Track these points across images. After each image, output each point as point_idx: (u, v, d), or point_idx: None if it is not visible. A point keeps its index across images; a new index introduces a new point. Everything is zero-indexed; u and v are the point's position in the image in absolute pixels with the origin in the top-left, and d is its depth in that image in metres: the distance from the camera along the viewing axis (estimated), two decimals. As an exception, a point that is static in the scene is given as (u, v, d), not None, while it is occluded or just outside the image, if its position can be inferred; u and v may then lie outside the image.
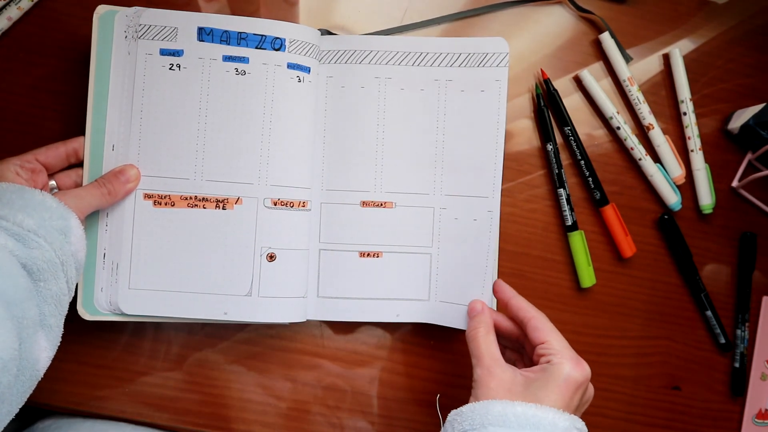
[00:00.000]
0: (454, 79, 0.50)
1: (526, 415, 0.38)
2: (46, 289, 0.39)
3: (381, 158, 0.50)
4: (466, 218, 0.50)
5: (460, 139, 0.50)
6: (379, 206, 0.50)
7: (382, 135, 0.49)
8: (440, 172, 0.50)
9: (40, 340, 0.38)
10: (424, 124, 0.50)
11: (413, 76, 0.50)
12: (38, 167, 0.43)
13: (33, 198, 0.39)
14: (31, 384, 0.38)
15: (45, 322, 0.38)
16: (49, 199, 0.40)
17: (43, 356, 0.38)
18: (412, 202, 0.50)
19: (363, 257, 0.49)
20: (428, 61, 0.50)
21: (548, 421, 0.37)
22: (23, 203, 0.39)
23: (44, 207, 0.39)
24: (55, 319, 0.39)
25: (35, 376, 0.38)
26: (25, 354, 0.37)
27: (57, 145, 0.45)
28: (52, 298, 0.39)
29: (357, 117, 0.49)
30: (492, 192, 0.49)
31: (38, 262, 0.38)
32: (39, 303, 0.38)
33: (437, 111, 0.50)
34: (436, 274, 0.50)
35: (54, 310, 0.39)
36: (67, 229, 0.40)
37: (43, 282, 0.38)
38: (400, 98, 0.50)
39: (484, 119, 0.49)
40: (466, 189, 0.50)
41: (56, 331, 0.40)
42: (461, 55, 0.49)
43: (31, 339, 0.37)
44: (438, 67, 0.50)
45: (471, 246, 0.49)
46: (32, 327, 0.37)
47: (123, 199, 0.46)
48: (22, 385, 0.37)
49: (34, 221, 0.38)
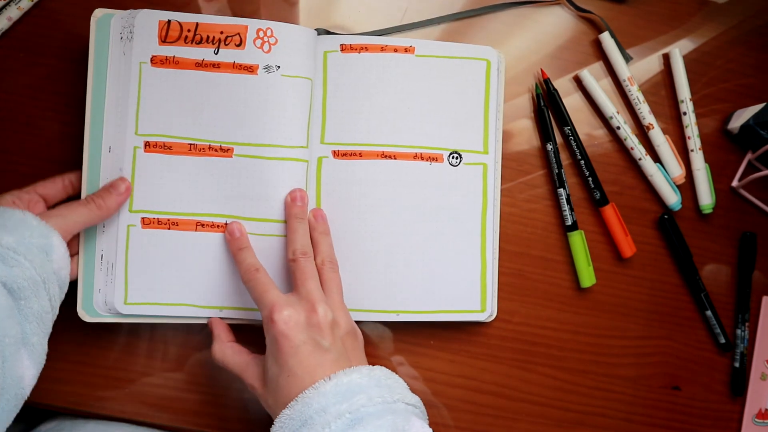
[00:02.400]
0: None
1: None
2: (28, 307, 0.38)
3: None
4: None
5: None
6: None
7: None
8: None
9: (23, 358, 0.37)
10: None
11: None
12: (36, 198, 0.43)
13: (13, 216, 0.39)
14: (17, 403, 0.37)
15: (27, 341, 0.38)
16: (30, 217, 0.40)
17: (27, 374, 0.38)
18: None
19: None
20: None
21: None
22: (2, 221, 0.39)
23: (25, 225, 0.39)
24: (37, 338, 0.39)
25: (21, 395, 0.38)
26: (9, 372, 0.36)
27: (54, 178, 0.45)
28: (34, 316, 0.38)
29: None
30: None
31: (18, 280, 0.37)
32: (20, 321, 0.38)
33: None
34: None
35: (36, 328, 0.38)
36: (49, 247, 0.40)
37: (24, 300, 0.38)
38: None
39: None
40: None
41: (39, 350, 0.39)
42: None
43: (14, 357, 0.36)
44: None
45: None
46: (14, 345, 0.37)
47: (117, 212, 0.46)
48: (7, 404, 0.36)
49: (14, 239, 0.38)
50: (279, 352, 0.39)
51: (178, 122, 0.47)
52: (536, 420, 0.54)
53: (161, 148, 0.47)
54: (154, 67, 0.46)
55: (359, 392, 0.38)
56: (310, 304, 0.41)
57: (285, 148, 0.47)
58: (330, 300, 0.43)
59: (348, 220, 0.49)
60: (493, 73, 0.51)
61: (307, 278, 0.42)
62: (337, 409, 0.37)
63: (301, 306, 0.41)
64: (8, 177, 0.49)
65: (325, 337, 0.40)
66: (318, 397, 0.37)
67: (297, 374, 0.39)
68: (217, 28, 0.46)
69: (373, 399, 0.38)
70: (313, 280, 0.42)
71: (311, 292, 0.41)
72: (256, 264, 0.44)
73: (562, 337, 0.54)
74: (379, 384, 0.39)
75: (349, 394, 0.38)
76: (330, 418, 0.36)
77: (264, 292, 0.41)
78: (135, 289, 0.47)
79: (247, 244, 0.45)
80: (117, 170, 0.46)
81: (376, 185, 0.50)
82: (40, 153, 0.49)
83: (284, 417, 0.38)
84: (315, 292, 0.41)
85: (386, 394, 0.39)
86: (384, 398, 0.38)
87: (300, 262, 0.43)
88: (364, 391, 0.38)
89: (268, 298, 0.41)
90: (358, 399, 0.37)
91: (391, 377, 0.41)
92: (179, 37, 0.46)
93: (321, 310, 0.40)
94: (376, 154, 0.49)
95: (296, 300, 0.41)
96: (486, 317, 0.51)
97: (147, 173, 0.46)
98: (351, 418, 0.36)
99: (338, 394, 0.37)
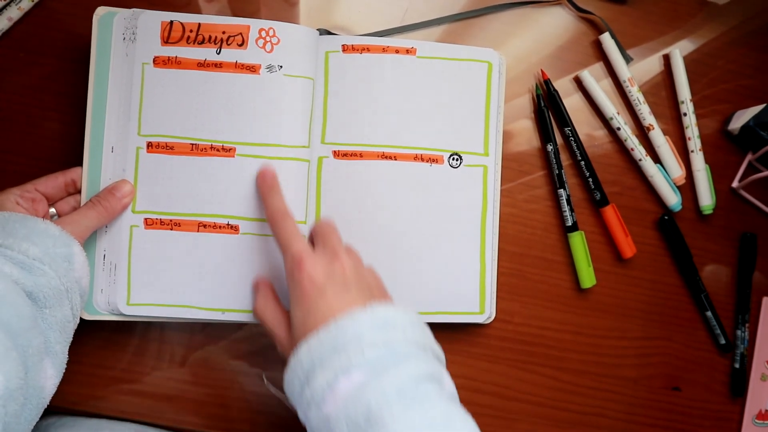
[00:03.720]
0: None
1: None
2: (51, 316, 0.39)
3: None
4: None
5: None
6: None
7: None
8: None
9: (47, 367, 0.38)
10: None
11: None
12: (38, 197, 0.43)
13: (36, 226, 0.40)
14: (38, 411, 0.38)
15: (50, 349, 0.39)
16: (52, 227, 0.40)
17: (49, 384, 0.38)
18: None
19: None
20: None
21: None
22: (27, 232, 0.39)
23: (47, 235, 0.40)
24: (60, 346, 0.39)
25: (41, 404, 0.38)
26: (32, 382, 0.37)
27: (56, 175, 0.45)
28: (57, 324, 0.39)
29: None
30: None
31: (44, 290, 0.38)
32: (44, 330, 0.38)
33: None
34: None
35: (59, 337, 0.39)
36: (71, 256, 0.40)
37: (49, 309, 0.39)
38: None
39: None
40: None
41: (61, 358, 0.40)
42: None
43: (37, 367, 0.37)
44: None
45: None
46: (37, 355, 0.37)
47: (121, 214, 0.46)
48: (29, 413, 0.37)
49: (39, 249, 0.39)
50: (304, 295, 0.39)
51: (180, 122, 0.46)
52: (536, 420, 0.54)
53: (163, 148, 0.47)
54: (157, 68, 0.46)
55: (394, 327, 0.37)
56: (333, 252, 0.41)
57: (286, 147, 0.47)
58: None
59: (348, 221, 0.49)
60: (495, 76, 0.51)
61: (328, 234, 0.43)
62: (372, 338, 0.36)
63: (325, 253, 0.41)
64: (8, 177, 0.49)
65: (349, 279, 0.40)
66: (353, 324, 0.36)
67: (324, 313, 0.38)
68: (219, 28, 0.46)
69: (408, 337, 0.37)
70: (335, 234, 0.43)
71: (335, 245, 0.42)
72: (285, 209, 0.43)
73: (562, 337, 0.54)
74: (412, 323, 0.38)
75: (385, 326, 0.36)
76: (364, 345, 0.35)
77: (291, 237, 0.41)
78: (138, 290, 0.46)
79: (277, 187, 0.45)
80: (120, 171, 0.46)
81: (376, 186, 0.49)
82: (40, 153, 0.49)
83: (312, 341, 0.36)
84: (338, 244, 0.42)
85: (419, 336, 0.38)
86: (417, 341, 0.37)
87: (315, 226, 0.44)
88: (399, 327, 0.37)
89: (296, 245, 0.40)
90: (393, 333, 0.36)
91: (421, 321, 0.39)
92: (181, 37, 0.46)
93: (343, 256, 0.41)
94: (377, 155, 0.49)
95: (321, 250, 0.42)
96: (484, 319, 0.51)
97: (150, 174, 0.46)
98: (386, 352, 0.35)
99: (374, 325, 0.36)
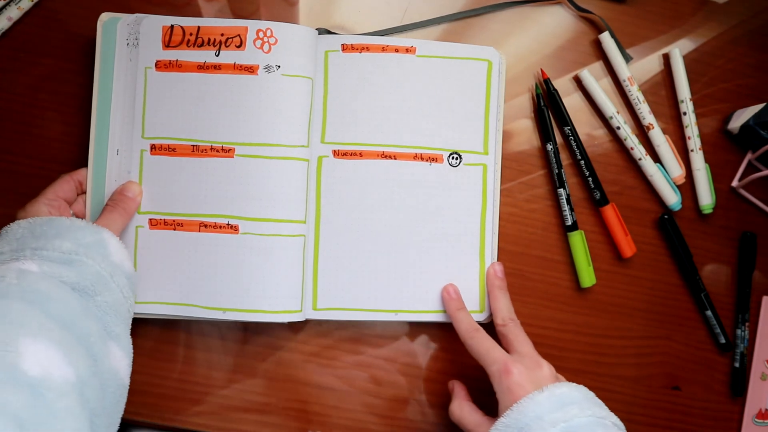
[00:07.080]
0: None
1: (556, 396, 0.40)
2: (103, 301, 0.40)
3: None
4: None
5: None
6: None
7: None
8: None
9: (113, 350, 0.39)
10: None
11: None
12: (62, 202, 0.44)
13: (62, 223, 0.41)
14: (122, 393, 0.40)
15: (111, 332, 0.40)
16: (77, 221, 0.42)
17: (122, 365, 0.40)
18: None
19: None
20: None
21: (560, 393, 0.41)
22: (55, 231, 0.40)
23: (75, 228, 0.41)
24: (119, 328, 0.41)
25: (122, 385, 0.40)
26: (103, 367, 0.38)
27: (66, 178, 0.46)
28: (110, 308, 0.40)
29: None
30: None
31: (87, 277, 0.39)
32: (100, 317, 0.39)
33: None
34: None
35: (116, 319, 0.40)
36: (103, 242, 0.42)
37: (98, 296, 0.40)
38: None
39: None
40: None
41: (125, 339, 0.41)
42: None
43: (103, 352, 0.38)
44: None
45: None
46: (101, 340, 0.38)
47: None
48: (112, 396, 0.38)
49: (71, 243, 0.40)
50: (513, 399, 0.41)
51: (181, 124, 0.47)
52: (536, 420, 0.54)
53: (166, 150, 0.47)
54: (159, 72, 0.47)
55: (571, 403, 0.40)
56: (534, 362, 0.44)
57: (286, 147, 0.47)
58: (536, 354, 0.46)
59: (347, 220, 0.49)
60: (494, 74, 0.51)
61: (522, 340, 0.46)
62: (552, 417, 0.39)
63: (526, 363, 0.44)
64: (8, 177, 0.49)
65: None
66: (533, 405, 0.40)
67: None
68: (218, 31, 0.47)
69: (585, 411, 0.40)
70: (528, 342, 0.46)
71: (531, 352, 0.45)
72: (475, 324, 0.47)
73: (562, 337, 0.54)
74: (587, 398, 0.41)
75: (561, 404, 0.40)
76: (546, 425, 0.38)
77: (490, 349, 0.45)
78: (143, 289, 0.47)
79: (463, 306, 0.49)
80: (125, 173, 0.47)
81: (376, 185, 0.50)
82: (40, 153, 0.50)
83: (500, 425, 0.40)
84: (533, 351, 0.45)
85: (596, 408, 0.41)
86: (594, 412, 0.40)
87: (510, 326, 0.47)
88: (576, 402, 0.40)
89: (498, 354, 0.44)
90: (570, 409, 0.40)
91: (596, 397, 0.43)
92: (182, 41, 0.47)
93: (545, 367, 0.44)
94: (377, 154, 0.50)
95: (519, 357, 0.44)
96: (484, 318, 0.51)
97: (153, 175, 0.47)
98: (565, 426, 0.38)
99: (552, 405, 0.40)
